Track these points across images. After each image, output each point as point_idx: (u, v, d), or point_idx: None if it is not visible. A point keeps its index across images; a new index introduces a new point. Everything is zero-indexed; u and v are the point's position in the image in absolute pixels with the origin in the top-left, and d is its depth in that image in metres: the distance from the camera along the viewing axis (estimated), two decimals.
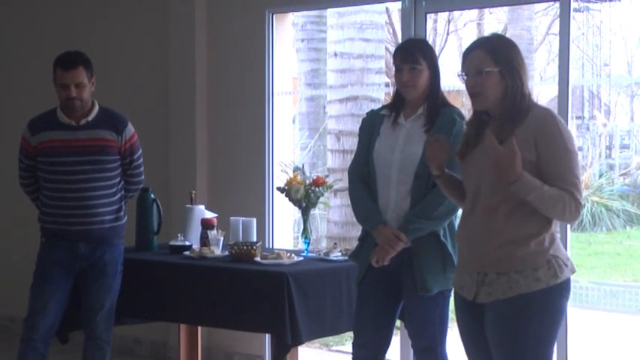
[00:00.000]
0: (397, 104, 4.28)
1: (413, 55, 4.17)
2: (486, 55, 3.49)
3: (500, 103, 3.50)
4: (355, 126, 9.12)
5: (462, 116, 4.15)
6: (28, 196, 5.20)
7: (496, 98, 3.50)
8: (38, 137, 4.98)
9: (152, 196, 5.51)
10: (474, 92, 3.52)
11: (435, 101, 4.19)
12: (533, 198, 3.36)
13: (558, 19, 5.45)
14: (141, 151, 5.15)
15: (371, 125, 4.33)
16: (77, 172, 4.93)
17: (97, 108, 5.02)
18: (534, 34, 13.96)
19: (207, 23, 6.61)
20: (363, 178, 4.29)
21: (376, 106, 9.04)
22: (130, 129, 5.08)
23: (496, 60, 3.48)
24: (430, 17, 5.95)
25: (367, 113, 4.48)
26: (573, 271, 3.54)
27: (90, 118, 4.98)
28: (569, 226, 5.12)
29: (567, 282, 3.50)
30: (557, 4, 5.40)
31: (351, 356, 4.41)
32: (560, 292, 3.46)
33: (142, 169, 5.19)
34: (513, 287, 3.44)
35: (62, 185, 4.95)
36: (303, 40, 9.91)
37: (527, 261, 3.43)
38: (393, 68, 4.27)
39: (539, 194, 3.35)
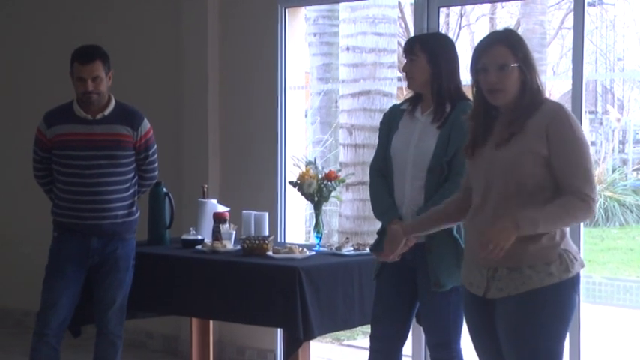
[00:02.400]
0: (416, 98, 4.30)
1: (411, 47, 4.22)
2: (508, 51, 3.48)
3: (516, 99, 3.49)
4: (367, 120, 9.16)
5: None
6: (41, 188, 5.20)
7: (514, 93, 3.49)
8: (54, 130, 4.98)
9: (164, 190, 5.52)
10: (495, 88, 3.50)
11: (441, 95, 4.18)
12: (543, 228, 3.37)
13: (571, 14, 5.44)
14: (156, 147, 5.15)
15: (391, 120, 4.35)
16: (92, 167, 4.93)
17: (113, 103, 5.03)
18: (547, 29, 13.91)
19: (219, 17, 6.61)
20: (381, 173, 4.31)
21: (388, 100, 9.08)
22: (146, 125, 5.08)
23: (516, 55, 3.47)
24: (442, 11, 5.94)
25: (389, 108, 4.50)
26: (583, 265, 3.54)
27: (106, 112, 4.99)
28: None
29: (578, 276, 3.50)
30: None
31: (362, 350, 4.42)
32: (571, 286, 3.46)
33: (156, 165, 5.19)
34: (526, 282, 3.43)
35: (76, 179, 4.95)
36: (315, 35, 9.90)
37: (540, 256, 3.42)
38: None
39: (545, 221, 3.36)
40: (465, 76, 4.07)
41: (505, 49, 3.49)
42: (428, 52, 4.18)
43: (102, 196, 4.94)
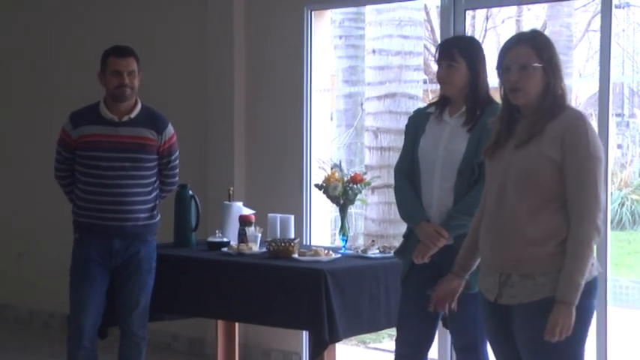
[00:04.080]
0: (443, 101, 4.29)
1: (450, 52, 4.18)
2: (531, 51, 3.47)
3: (537, 100, 3.48)
4: (393, 123, 9.15)
5: None
6: (62, 189, 5.21)
7: (536, 95, 3.48)
8: (79, 130, 5.00)
9: (190, 192, 5.53)
10: (515, 87, 3.49)
11: (476, 99, 4.17)
12: (581, 278, 3.36)
13: (598, 16, 5.42)
14: (178, 152, 5.17)
15: (417, 123, 4.34)
16: (116, 169, 4.95)
17: (139, 106, 5.05)
18: (574, 31, 13.85)
19: (245, 20, 6.62)
20: (408, 175, 4.30)
21: (414, 103, 9.06)
22: (170, 130, 5.10)
23: (540, 56, 3.46)
24: (468, 14, 5.92)
25: (414, 111, 4.50)
26: (599, 270, 3.51)
27: (132, 115, 5.01)
28: (609, 224, 5.08)
29: (594, 281, 3.47)
30: (598, 1, 5.36)
31: (387, 353, 4.41)
32: (587, 292, 3.41)
33: (178, 170, 5.21)
34: (539, 290, 3.41)
35: (100, 180, 4.97)
36: (341, 37, 9.89)
37: (551, 263, 3.40)
38: (431, 65, 4.28)
39: (579, 273, 3.35)
40: (492, 79, 4.06)
41: (529, 49, 3.48)
42: (467, 58, 4.16)
43: (124, 198, 4.96)
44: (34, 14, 7.86)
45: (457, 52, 4.17)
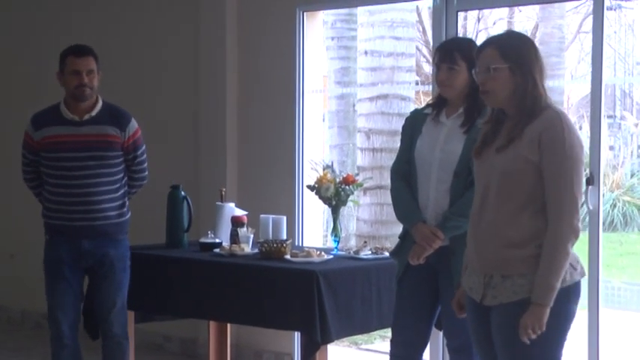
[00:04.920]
0: (439, 102, 4.29)
1: (451, 55, 4.17)
2: (495, 52, 3.47)
3: (511, 101, 3.48)
4: (385, 124, 9.16)
5: None
6: (31, 191, 5.22)
7: (506, 96, 3.48)
8: (41, 132, 5.00)
9: (182, 193, 5.53)
10: (483, 90, 3.52)
11: (476, 101, 4.17)
12: (557, 279, 3.35)
13: (589, 17, 5.44)
14: (145, 147, 5.15)
15: (413, 124, 4.34)
16: (81, 168, 4.94)
17: (100, 103, 5.04)
18: (565, 33, 13.86)
19: (237, 21, 6.62)
20: (404, 176, 4.30)
21: (406, 104, 9.08)
22: (134, 125, 5.08)
23: (505, 56, 3.45)
24: (460, 15, 5.92)
25: (411, 112, 4.50)
26: (583, 275, 3.49)
27: (93, 113, 4.99)
28: (600, 226, 5.08)
29: (574, 286, 3.45)
30: (589, 2, 5.37)
31: (379, 354, 4.41)
32: (565, 296, 3.41)
33: (146, 165, 5.19)
34: (517, 291, 3.41)
35: (65, 181, 4.97)
36: (333, 38, 9.89)
37: (529, 264, 3.40)
38: (423, 66, 4.28)
39: (555, 274, 3.34)
40: None
41: (493, 51, 3.48)
42: (468, 60, 4.13)
43: (92, 197, 4.95)
44: (34, 14, 7.84)
45: (458, 54, 4.16)
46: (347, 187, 5.16)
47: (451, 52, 4.18)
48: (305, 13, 6.33)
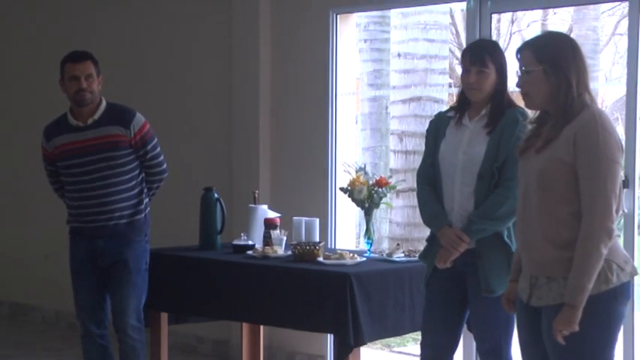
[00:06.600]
0: (462, 105, 4.28)
1: (481, 58, 4.16)
2: (531, 54, 3.47)
3: (550, 103, 3.47)
4: (418, 127, 9.13)
5: (525, 116, 4.10)
6: (60, 200, 5.33)
7: (543, 97, 3.47)
8: (53, 142, 5.10)
9: (216, 195, 5.55)
10: (522, 92, 3.52)
11: (500, 103, 4.17)
12: (589, 281, 3.31)
13: (624, 20, 5.39)
14: (156, 140, 5.15)
15: (437, 127, 4.34)
16: (90, 172, 5.02)
17: (103, 105, 5.07)
18: (600, 35, 13.76)
19: (271, 24, 6.64)
20: (429, 180, 4.31)
21: (439, 106, 9.05)
22: (139, 120, 5.09)
23: (539, 58, 3.44)
24: (493, 17, 5.90)
25: (435, 115, 4.50)
26: (634, 274, 3.46)
27: (96, 116, 5.04)
28: (636, 229, 5.05)
29: (622, 286, 3.41)
30: (625, 4, 5.33)
31: (412, 357, 4.41)
32: (613, 297, 3.38)
33: (162, 158, 5.19)
34: (563, 294, 3.38)
35: (80, 186, 5.06)
36: (366, 41, 9.88)
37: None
38: (456, 69, 4.26)
39: (588, 276, 3.30)
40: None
41: (529, 53, 3.48)
42: (497, 63, 4.15)
43: (105, 199, 5.02)
44: (54, 17, 7.89)
45: (488, 57, 4.15)
46: (380, 189, 5.16)
47: (481, 54, 4.17)
48: (338, 16, 6.34)
